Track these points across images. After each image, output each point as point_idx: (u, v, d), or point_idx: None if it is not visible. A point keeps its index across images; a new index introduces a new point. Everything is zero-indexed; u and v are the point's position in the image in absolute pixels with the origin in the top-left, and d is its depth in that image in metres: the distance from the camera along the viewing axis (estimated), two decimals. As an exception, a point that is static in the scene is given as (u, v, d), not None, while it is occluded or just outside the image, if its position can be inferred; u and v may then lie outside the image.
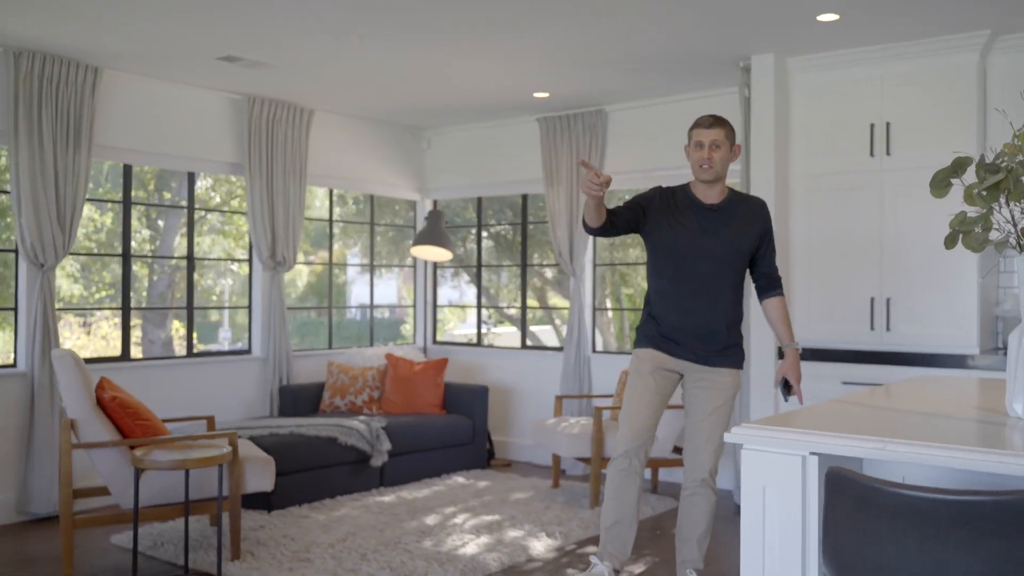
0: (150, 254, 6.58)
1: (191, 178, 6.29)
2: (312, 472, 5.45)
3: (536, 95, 6.41)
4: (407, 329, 8.61)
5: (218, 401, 6.17)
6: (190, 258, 6.27)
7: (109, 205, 6.07)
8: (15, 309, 5.39)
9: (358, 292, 8.20)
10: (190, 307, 6.26)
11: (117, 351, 5.73)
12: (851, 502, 1.95)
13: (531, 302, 7.55)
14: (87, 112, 5.42)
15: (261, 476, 4.51)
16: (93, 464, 4.25)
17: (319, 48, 5.19)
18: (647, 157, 6.50)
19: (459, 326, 8.98)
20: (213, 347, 8.60)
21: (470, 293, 8.64)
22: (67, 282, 6.33)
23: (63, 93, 5.32)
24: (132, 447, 4.24)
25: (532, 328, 8.93)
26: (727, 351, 3.60)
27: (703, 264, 3.58)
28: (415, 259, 7.84)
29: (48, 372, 5.23)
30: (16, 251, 5.37)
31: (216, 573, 4.10)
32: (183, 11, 4.54)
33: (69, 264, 6.15)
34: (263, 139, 6.36)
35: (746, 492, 2.35)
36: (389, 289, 8.43)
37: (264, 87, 6.11)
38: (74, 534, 4.18)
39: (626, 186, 6.72)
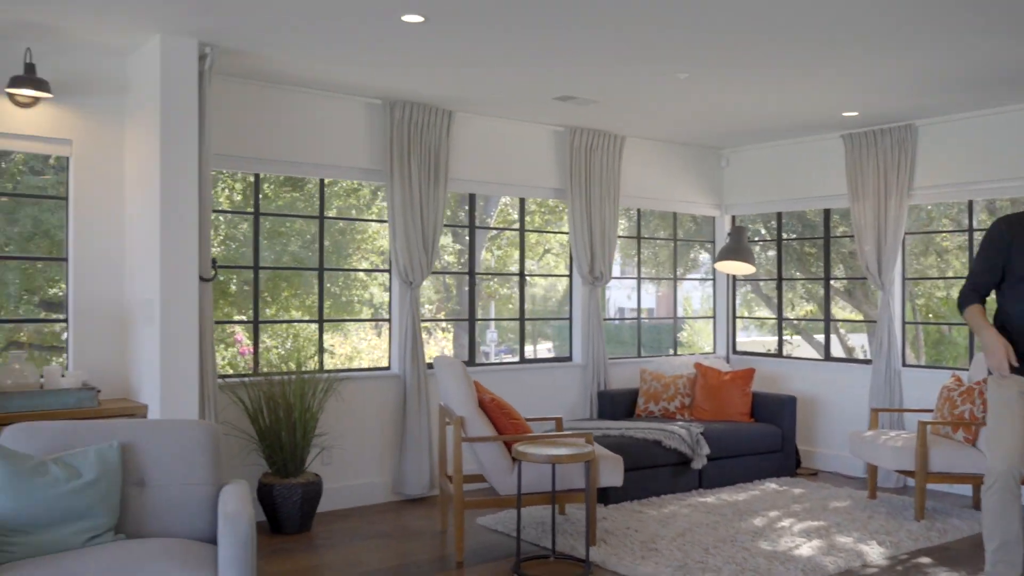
0: (478, 271, 7.40)
1: (522, 203, 7.05)
2: (640, 471, 5.97)
3: (845, 114, 6.58)
4: (684, 336, 8.99)
5: (545, 403, 6.87)
6: (522, 275, 7.03)
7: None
8: (389, 320, 6.36)
9: (616, 300, 8.73)
10: (522, 318, 7.02)
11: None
12: None
13: (814, 309, 7.67)
14: (443, 150, 6.28)
15: (612, 472, 5.08)
16: (476, 456, 5.00)
17: (639, 84, 5.71)
18: (961, 171, 6.46)
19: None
20: (482, 348, 9.51)
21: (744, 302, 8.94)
22: (379, 291, 7.40)
23: (425, 135, 6.20)
24: (507, 443, 4.95)
25: (817, 337, 9.01)
26: (1089, 373, 3.70)
27: (1061, 288, 3.70)
28: (715, 271, 8.20)
29: (417, 374, 6.12)
30: (390, 271, 6.33)
31: (584, 556, 4.71)
32: (529, 61, 5.22)
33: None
34: (582, 165, 7.01)
35: None
36: (649, 297, 8.91)
37: (583, 119, 6.74)
38: (450, 514, 4.94)
39: (937, 200, 6.72)
